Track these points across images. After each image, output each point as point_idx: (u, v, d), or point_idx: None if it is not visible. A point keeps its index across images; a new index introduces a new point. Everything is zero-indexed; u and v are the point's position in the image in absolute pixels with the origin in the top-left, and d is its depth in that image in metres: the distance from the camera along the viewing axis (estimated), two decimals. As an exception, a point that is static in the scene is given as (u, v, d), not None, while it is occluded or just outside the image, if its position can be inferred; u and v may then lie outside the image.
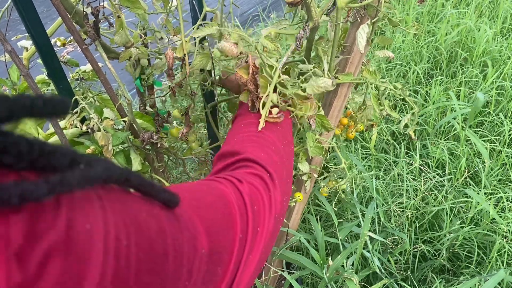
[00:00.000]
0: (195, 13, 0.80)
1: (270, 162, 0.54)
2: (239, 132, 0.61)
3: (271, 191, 0.50)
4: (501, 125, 1.75)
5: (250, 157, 0.53)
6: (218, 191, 0.44)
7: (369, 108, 0.91)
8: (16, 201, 0.20)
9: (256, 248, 0.44)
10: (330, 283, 1.11)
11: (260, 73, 0.58)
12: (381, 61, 2.14)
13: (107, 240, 0.24)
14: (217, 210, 0.41)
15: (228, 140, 0.61)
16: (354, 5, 0.62)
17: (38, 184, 0.21)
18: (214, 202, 0.42)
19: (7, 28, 0.71)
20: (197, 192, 0.42)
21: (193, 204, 0.39)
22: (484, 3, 2.50)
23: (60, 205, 0.22)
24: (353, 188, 1.37)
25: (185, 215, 0.35)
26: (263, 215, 0.47)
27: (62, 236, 0.22)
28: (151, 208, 0.30)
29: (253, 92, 0.59)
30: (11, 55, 0.65)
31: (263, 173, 0.52)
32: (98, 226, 0.24)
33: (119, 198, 0.28)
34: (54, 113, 0.22)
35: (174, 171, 1.80)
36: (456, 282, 1.25)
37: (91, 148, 0.74)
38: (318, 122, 0.70)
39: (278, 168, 0.55)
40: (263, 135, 0.60)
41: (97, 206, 0.25)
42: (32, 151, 0.22)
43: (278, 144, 0.60)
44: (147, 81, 0.93)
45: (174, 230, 0.32)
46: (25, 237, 0.20)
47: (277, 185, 0.52)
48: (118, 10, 0.66)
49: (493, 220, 1.36)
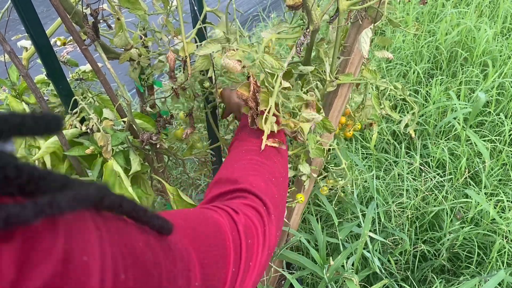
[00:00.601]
0: (195, 13, 0.80)
1: (269, 195, 0.53)
2: (240, 159, 0.59)
3: (266, 225, 0.49)
4: (502, 125, 1.75)
5: (249, 188, 0.52)
6: (214, 221, 0.44)
7: (367, 108, 0.91)
8: (1, 224, 0.18)
9: (248, 281, 0.44)
10: (330, 283, 1.10)
11: (261, 90, 0.58)
12: (381, 61, 2.14)
13: (104, 273, 0.23)
14: (212, 242, 0.40)
15: (227, 165, 0.59)
16: (356, 8, 0.62)
17: (25, 206, 0.20)
18: (210, 233, 0.41)
19: (6, 28, 0.71)
20: (193, 221, 0.41)
21: (189, 233, 0.38)
22: (484, 3, 2.50)
23: (57, 233, 0.22)
24: (354, 188, 1.37)
25: (179, 245, 0.34)
26: (257, 249, 0.46)
27: (58, 269, 0.21)
28: (147, 238, 0.29)
29: (253, 109, 0.59)
30: (10, 55, 0.65)
31: (260, 206, 0.51)
32: (95, 258, 0.23)
33: (116, 227, 0.27)
34: (46, 131, 0.22)
35: (174, 171, 1.80)
36: (456, 282, 1.25)
37: (90, 148, 0.74)
38: (319, 123, 0.69)
39: (275, 202, 0.54)
40: (265, 165, 0.58)
41: (95, 237, 0.24)
42: (20, 176, 0.21)
43: (277, 175, 0.59)
44: (147, 81, 0.93)
45: (169, 262, 0.31)
46: (18, 269, 0.19)
47: (273, 219, 0.51)
48: (118, 12, 0.65)
49: (493, 220, 1.36)
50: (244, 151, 0.61)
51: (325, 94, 0.85)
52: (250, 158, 0.59)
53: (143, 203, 0.89)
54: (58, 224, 0.22)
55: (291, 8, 0.58)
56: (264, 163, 0.59)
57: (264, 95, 0.59)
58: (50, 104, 0.85)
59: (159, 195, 0.98)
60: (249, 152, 0.60)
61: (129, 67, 0.86)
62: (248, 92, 0.57)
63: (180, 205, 0.87)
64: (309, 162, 0.90)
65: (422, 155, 1.72)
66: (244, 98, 0.58)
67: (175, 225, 0.32)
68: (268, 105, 0.59)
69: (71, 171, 0.80)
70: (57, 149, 0.77)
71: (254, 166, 0.57)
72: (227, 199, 0.52)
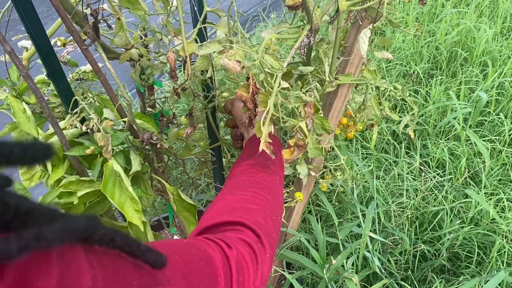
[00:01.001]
0: (196, 14, 0.80)
1: (266, 233, 0.53)
2: (243, 189, 0.59)
3: (258, 263, 0.49)
4: (501, 125, 1.75)
5: (247, 222, 0.52)
6: (206, 255, 0.44)
7: (368, 108, 0.91)
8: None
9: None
10: (330, 283, 1.11)
11: (260, 92, 0.59)
12: (381, 61, 2.14)
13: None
14: (203, 277, 0.41)
15: (229, 192, 0.59)
16: (356, 8, 0.62)
17: (9, 240, 0.18)
18: (201, 268, 0.41)
19: (7, 28, 0.71)
20: (185, 255, 0.41)
21: (181, 267, 0.38)
22: (484, 3, 2.50)
23: (50, 273, 0.21)
24: (353, 184, 1.37)
25: (172, 280, 0.34)
26: (247, 287, 0.47)
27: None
28: (140, 275, 0.29)
29: (251, 110, 0.59)
30: (11, 55, 0.65)
31: (254, 243, 0.50)
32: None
33: (111, 264, 0.26)
34: (35, 160, 0.21)
35: (174, 171, 1.80)
36: (456, 282, 1.25)
37: (90, 148, 0.74)
38: (318, 124, 0.70)
39: (272, 241, 0.54)
40: (268, 201, 0.58)
41: (89, 277, 0.23)
42: (6, 212, 0.20)
43: (277, 213, 0.59)
44: (147, 81, 0.93)
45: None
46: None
47: (267, 258, 0.51)
48: (118, 12, 0.65)
49: (493, 220, 1.36)
50: (249, 182, 0.61)
51: (325, 94, 0.86)
52: (254, 191, 0.59)
53: (143, 203, 0.89)
54: (51, 261, 0.21)
55: (291, 8, 0.58)
56: (267, 199, 0.58)
57: (263, 96, 0.60)
58: (50, 104, 0.85)
59: (159, 195, 0.98)
60: (254, 184, 0.60)
61: (132, 69, 0.86)
62: (247, 93, 0.58)
63: (180, 205, 0.87)
64: (307, 161, 0.90)
65: (422, 155, 1.73)
66: (243, 99, 0.58)
67: (168, 259, 0.32)
68: (266, 106, 0.59)
69: (72, 171, 0.80)
70: (58, 149, 0.78)
71: (256, 200, 0.57)
72: (222, 231, 0.52)
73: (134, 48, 0.73)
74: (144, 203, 0.90)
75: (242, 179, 0.62)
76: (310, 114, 0.67)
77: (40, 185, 0.88)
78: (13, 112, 0.75)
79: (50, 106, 0.83)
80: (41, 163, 0.22)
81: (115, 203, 0.73)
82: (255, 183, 0.61)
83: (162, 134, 0.83)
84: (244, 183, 0.60)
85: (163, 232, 1.70)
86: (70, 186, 0.74)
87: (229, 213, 0.53)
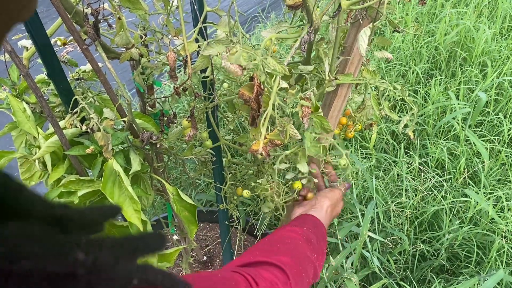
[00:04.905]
0: (196, 13, 0.80)
1: (298, 278, 0.58)
2: (295, 246, 0.64)
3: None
4: (501, 125, 1.75)
5: (281, 265, 0.56)
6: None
7: (368, 108, 0.91)
8: None
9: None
10: (330, 283, 1.11)
11: (264, 93, 0.59)
12: (381, 61, 2.14)
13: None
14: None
15: (274, 247, 0.63)
16: (356, 7, 0.62)
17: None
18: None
19: (7, 28, 0.71)
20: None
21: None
22: (483, 3, 2.51)
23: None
24: (353, 188, 1.38)
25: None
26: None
27: None
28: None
29: (255, 110, 0.60)
30: (11, 55, 0.65)
31: (282, 283, 0.55)
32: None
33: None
34: (156, 250, 0.23)
35: (174, 171, 1.80)
36: (455, 282, 1.25)
37: (90, 148, 0.74)
38: (317, 123, 0.70)
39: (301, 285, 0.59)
40: (309, 263, 0.63)
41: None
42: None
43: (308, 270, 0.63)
44: (147, 81, 0.93)
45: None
46: None
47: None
48: (118, 12, 0.66)
49: (492, 220, 1.37)
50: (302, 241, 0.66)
51: (325, 94, 0.86)
52: (302, 250, 0.64)
53: (143, 203, 0.89)
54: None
55: (291, 8, 0.58)
56: (311, 261, 0.64)
57: (265, 96, 0.60)
58: (50, 104, 0.85)
59: (159, 194, 0.98)
60: (303, 245, 0.65)
61: (134, 72, 0.86)
62: (251, 93, 0.58)
63: (180, 205, 0.87)
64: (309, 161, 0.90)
65: (421, 155, 1.73)
66: (245, 98, 0.58)
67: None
68: (267, 107, 0.59)
69: (71, 171, 0.80)
70: (58, 149, 0.78)
71: (303, 264, 0.62)
72: (253, 267, 0.57)
73: (135, 48, 0.73)
74: (144, 202, 0.90)
75: (293, 237, 0.67)
76: (307, 113, 0.67)
77: (40, 185, 0.88)
78: (13, 111, 0.75)
79: (50, 106, 0.83)
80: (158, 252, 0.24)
81: (115, 203, 0.73)
82: (307, 241, 0.67)
83: (162, 133, 0.83)
84: (296, 244, 0.66)
85: (163, 232, 1.70)
86: (70, 186, 0.75)
87: (264, 255, 0.59)
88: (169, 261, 0.91)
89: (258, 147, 0.61)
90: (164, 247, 0.23)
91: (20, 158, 0.83)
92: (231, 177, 1.04)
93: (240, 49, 0.56)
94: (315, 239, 0.69)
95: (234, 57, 0.56)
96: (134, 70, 0.89)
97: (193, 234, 0.89)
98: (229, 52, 0.55)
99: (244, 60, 0.56)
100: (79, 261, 0.19)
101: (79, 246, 0.19)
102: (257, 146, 0.61)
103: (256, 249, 0.62)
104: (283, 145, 0.65)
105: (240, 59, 0.56)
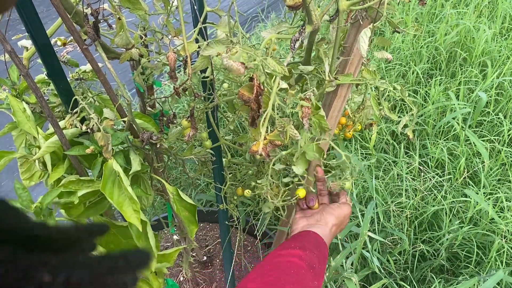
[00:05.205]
0: (196, 13, 0.80)
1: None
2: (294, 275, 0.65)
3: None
4: (501, 125, 1.75)
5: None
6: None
7: (368, 108, 0.91)
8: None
9: None
10: (330, 283, 1.11)
11: (263, 93, 0.59)
12: (381, 61, 2.15)
13: None
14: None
15: (271, 272, 0.64)
16: (356, 8, 0.62)
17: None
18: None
19: (7, 28, 0.71)
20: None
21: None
22: (483, 3, 2.51)
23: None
24: (353, 188, 1.38)
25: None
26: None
27: None
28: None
29: (255, 111, 0.59)
30: (11, 55, 0.65)
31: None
32: None
33: None
34: (138, 267, 0.23)
35: (174, 171, 1.80)
36: (455, 282, 1.25)
37: (90, 148, 0.74)
38: (316, 122, 0.70)
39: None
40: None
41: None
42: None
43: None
44: (147, 81, 0.93)
45: None
46: None
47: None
48: (118, 12, 0.66)
49: (492, 220, 1.37)
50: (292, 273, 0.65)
51: (325, 94, 0.86)
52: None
53: (143, 203, 0.89)
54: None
55: (291, 8, 0.58)
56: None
57: (264, 97, 0.60)
58: (50, 104, 0.85)
59: (159, 194, 0.98)
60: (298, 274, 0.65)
61: (134, 72, 0.86)
62: (251, 93, 0.58)
63: (180, 205, 0.87)
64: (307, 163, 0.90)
65: (421, 155, 1.73)
66: (245, 99, 0.58)
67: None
68: (267, 107, 0.59)
69: (71, 171, 0.80)
70: (57, 149, 0.78)
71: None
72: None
73: (135, 48, 0.73)
74: (144, 202, 0.90)
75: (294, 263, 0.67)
76: (307, 114, 0.67)
77: (40, 185, 0.88)
78: (13, 111, 0.75)
79: (50, 106, 0.83)
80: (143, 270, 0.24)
81: (114, 203, 0.73)
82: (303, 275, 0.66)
83: (162, 133, 0.83)
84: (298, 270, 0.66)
85: (163, 232, 1.70)
86: (70, 186, 0.74)
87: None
88: (169, 261, 0.91)
89: (258, 148, 0.61)
90: (147, 265, 0.24)
91: (20, 158, 0.83)
92: (231, 177, 1.04)
93: (240, 50, 0.56)
94: (317, 263, 0.69)
95: (234, 57, 0.56)
96: (134, 70, 0.89)
97: (193, 234, 0.89)
98: (229, 53, 0.55)
99: (244, 61, 0.56)
100: (45, 282, 0.18)
101: (45, 266, 0.19)
102: (257, 147, 0.61)
103: (261, 281, 0.62)
104: (283, 145, 0.65)
105: (240, 59, 0.56)
